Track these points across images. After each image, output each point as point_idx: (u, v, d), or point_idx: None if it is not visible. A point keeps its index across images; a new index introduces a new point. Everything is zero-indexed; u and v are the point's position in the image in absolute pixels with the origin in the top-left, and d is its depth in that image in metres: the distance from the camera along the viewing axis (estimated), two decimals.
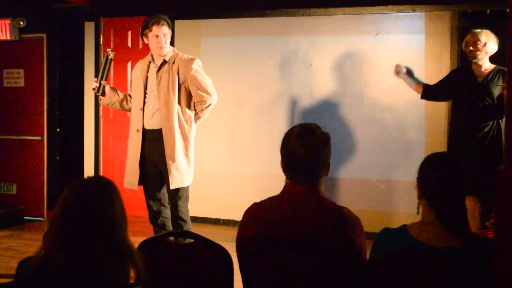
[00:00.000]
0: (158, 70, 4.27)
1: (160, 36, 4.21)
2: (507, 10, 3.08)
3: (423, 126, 5.34)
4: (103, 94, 4.35)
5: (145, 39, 4.31)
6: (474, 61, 4.64)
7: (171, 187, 4.23)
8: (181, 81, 4.24)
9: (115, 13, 6.39)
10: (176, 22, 6.12)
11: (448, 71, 5.34)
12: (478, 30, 4.67)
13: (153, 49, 4.29)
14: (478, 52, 4.61)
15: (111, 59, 4.30)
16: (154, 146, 4.28)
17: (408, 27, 5.48)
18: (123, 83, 6.31)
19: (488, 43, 4.61)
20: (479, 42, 4.61)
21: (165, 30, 4.23)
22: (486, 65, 4.68)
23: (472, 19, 5.57)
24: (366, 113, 5.63)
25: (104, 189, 1.87)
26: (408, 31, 5.48)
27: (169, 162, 4.20)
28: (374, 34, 5.57)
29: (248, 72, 6.02)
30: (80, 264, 1.77)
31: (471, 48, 4.63)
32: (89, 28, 6.58)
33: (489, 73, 4.64)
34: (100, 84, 4.31)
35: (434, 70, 5.35)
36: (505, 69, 4.67)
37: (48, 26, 6.60)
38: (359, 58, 5.65)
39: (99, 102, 6.16)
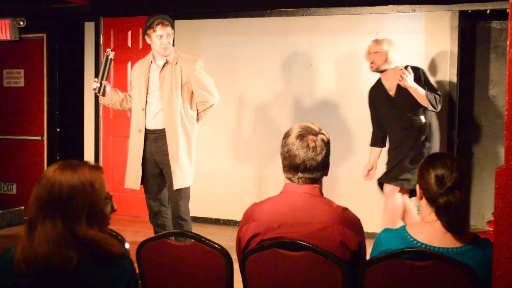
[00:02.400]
0: (160, 71, 4.26)
1: (164, 36, 4.20)
2: (507, 10, 3.08)
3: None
4: (104, 94, 4.35)
5: (147, 39, 4.29)
6: (379, 71, 4.41)
7: (175, 187, 4.22)
8: (183, 82, 4.24)
9: (115, 13, 6.39)
10: (176, 22, 6.10)
11: (448, 72, 5.33)
12: (381, 38, 4.45)
13: (156, 50, 4.27)
14: (379, 63, 4.35)
15: (111, 59, 4.28)
16: (156, 146, 4.28)
17: (408, 27, 5.48)
18: (123, 83, 6.31)
19: (391, 52, 4.36)
20: (380, 52, 4.36)
21: (169, 30, 4.23)
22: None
23: (472, 19, 5.57)
24: (366, 113, 5.61)
25: (70, 173, 1.79)
26: (408, 31, 5.47)
27: (172, 162, 4.19)
28: (374, 34, 5.56)
29: (248, 72, 6.02)
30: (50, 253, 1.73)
31: (371, 60, 4.39)
32: (89, 28, 6.57)
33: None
34: (101, 84, 4.31)
35: (433, 71, 5.34)
36: (410, 65, 4.34)
37: (48, 26, 6.60)
38: (359, 58, 5.63)
39: (100, 102, 6.16)
